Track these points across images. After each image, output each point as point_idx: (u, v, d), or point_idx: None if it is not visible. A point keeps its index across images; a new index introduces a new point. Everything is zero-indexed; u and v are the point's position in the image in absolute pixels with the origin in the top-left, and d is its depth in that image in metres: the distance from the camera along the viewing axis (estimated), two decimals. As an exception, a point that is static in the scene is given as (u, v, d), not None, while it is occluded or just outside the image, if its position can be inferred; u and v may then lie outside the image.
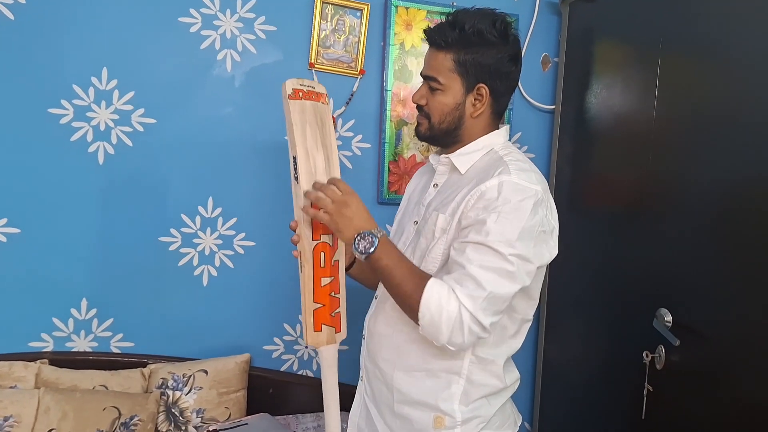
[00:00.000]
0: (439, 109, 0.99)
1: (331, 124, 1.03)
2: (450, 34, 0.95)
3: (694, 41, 1.18)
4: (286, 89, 0.99)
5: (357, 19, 1.59)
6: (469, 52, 0.95)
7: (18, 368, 1.42)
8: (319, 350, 1.03)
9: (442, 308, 0.87)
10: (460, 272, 0.88)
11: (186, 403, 1.48)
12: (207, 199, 1.58)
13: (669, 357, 1.19)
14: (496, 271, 0.87)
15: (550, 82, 1.77)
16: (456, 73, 0.96)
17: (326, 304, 1.01)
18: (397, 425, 1.02)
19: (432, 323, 0.88)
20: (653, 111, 1.28)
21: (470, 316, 0.86)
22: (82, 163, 1.48)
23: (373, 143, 1.67)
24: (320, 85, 1.05)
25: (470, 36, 0.95)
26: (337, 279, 1.04)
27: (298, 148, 0.97)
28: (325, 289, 1.01)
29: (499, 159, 0.97)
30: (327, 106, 1.04)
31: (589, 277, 1.53)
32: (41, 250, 1.48)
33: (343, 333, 1.05)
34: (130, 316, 1.56)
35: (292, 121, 0.97)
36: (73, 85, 1.46)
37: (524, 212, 0.89)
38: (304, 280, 0.99)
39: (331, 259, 1.02)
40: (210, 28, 1.53)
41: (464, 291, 0.87)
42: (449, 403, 0.97)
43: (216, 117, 1.56)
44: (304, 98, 1.00)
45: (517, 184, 0.91)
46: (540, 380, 1.78)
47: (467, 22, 0.94)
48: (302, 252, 0.99)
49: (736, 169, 1.06)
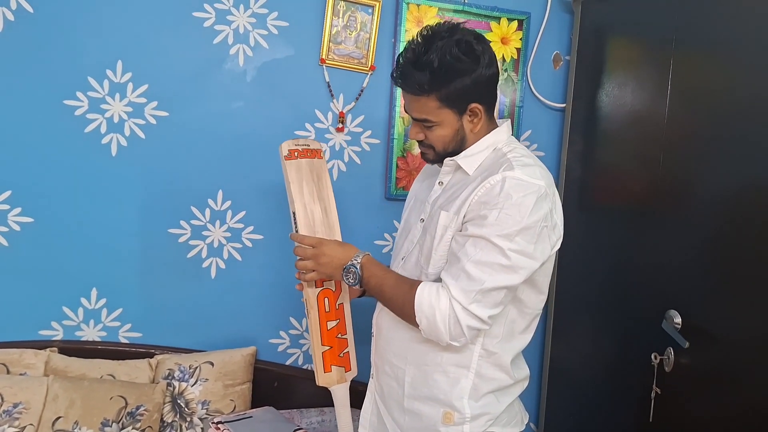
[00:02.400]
0: (441, 140, 0.99)
1: (327, 177, 1.14)
2: (422, 80, 0.92)
3: (707, 40, 1.17)
4: (282, 151, 1.10)
5: (368, 16, 1.60)
6: (449, 86, 0.93)
7: (28, 356, 1.44)
8: (331, 389, 1.10)
9: (434, 308, 0.89)
10: (456, 266, 0.91)
11: (192, 394, 1.49)
12: (217, 192, 1.59)
13: (678, 359, 1.17)
14: (492, 265, 0.88)
15: (561, 81, 1.76)
16: (445, 107, 0.95)
17: (334, 346, 1.09)
18: (406, 421, 1.02)
19: (429, 325, 0.91)
20: (665, 110, 1.26)
21: (462, 309, 0.88)
22: (96, 154, 1.50)
23: (382, 139, 1.67)
24: (315, 142, 1.15)
25: (442, 74, 0.92)
26: (343, 321, 1.11)
27: (297, 204, 1.07)
28: (332, 332, 1.08)
29: (503, 156, 0.98)
30: (322, 161, 1.15)
31: (598, 277, 1.52)
32: (53, 239, 1.50)
33: (353, 371, 1.13)
34: (138, 307, 1.58)
35: (290, 180, 1.08)
36: (89, 77, 1.48)
37: (526, 208, 0.89)
38: (311, 325, 1.08)
39: (335, 303, 1.10)
40: (223, 23, 1.55)
41: (458, 285, 0.89)
42: (459, 398, 0.98)
43: (227, 111, 1.57)
44: (300, 157, 1.10)
45: (520, 179, 0.91)
46: (546, 380, 1.77)
47: (433, 60, 0.90)
48: (307, 299, 1.08)
49: (748, 169, 1.04)
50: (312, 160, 1.12)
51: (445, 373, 0.98)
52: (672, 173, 1.24)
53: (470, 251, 0.89)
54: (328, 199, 1.12)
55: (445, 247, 0.96)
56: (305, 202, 1.08)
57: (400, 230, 1.16)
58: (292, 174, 1.08)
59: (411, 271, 1.03)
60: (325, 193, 1.11)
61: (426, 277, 0.99)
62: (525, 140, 1.76)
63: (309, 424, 1.53)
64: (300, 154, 1.10)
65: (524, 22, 1.69)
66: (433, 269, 0.98)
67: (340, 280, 1.06)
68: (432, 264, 0.98)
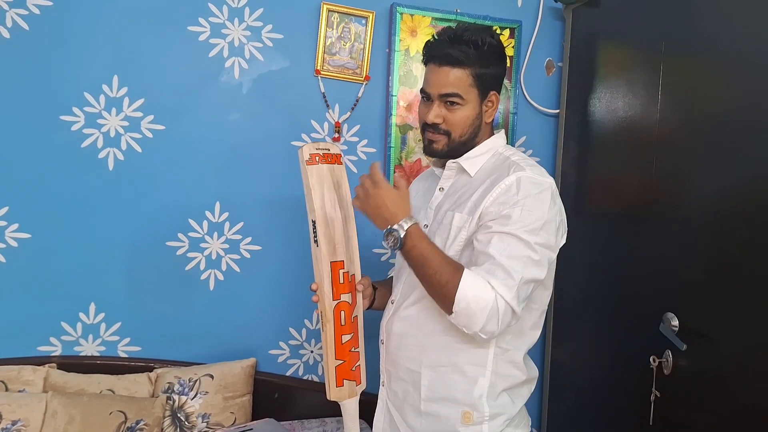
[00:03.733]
0: (462, 123, 1.01)
1: (346, 185, 1.08)
2: (465, 51, 0.98)
3: (696, 44, 1.19)
4: (303, 154, 1.03)
5: (362, 27, 1.62)
6: (485, 66, 1.00)
7: (27, 372, 1.44)
8: (342, 403, 1.07)
9: (479, 297, 0.88)
10: (490, 263, 0.91)
11: (192, 407, 1.48)
12: (214, 204, 1.60)
13: (676, 362, 1.18)
14: (522, 259, 0.90)
15: (555, 87, 1.78)
16: (474, 87, 1.00)
17: (347, 360, 1.06)
18: (422, 425, 1.03)
19: (467, 311, 0.89)
20: (657, 114, 1.28)
21: (505, 304, 0.89)
22: (93, 169, 1.51)
23: (379, 148, 1.68)
24: (335, 146, 1.10)
25: (485, 52, 0.99)
26: (356, 334, 1.08)
27: (317, 213, 1.02)
28: (346, 346, 1.06)
29: (506, 159, 1.03)
30: (342, 167, 1.09)
31: (595, 281, 1.52)
32: (51, 255, 1.50)
33: (363, 384, 1.10)
34: (137, 321, 1.57)
35: (311, 186, 1.02)
36: (85, 92, 1.49)
37: (545, 203, 0.94)
38: (326, 339, 1.04)
39: (351, 317, 1.07)
40: (218, 37, 1.56)
41: (498, 281, 0.89)
42: (478, 397, 0.99)
43: (223, 123, 1.58)
44: (321, 162, 1.04)
45: (533, 178, 0.96)
46: (548, 385, 1.77)
47: (478, 39, 0.99)
48: (323, 312, 1.04)
49: (741, 171, 1.06)
50: (333, 166, 1.06)
51: (463, 374, 0.99)
52: (665, 176, 1.25)
53: (500, 247, 0.90)
54: (348, 208, 1.06)
55: (458, 248, 0.98)
56: (327, 210, 1.02)
57: None
58: (314, 180, 1.02)
59: None
60: (346, 200, 1.06)
61: None
62: (520, 147, 1.77)
63: (310, 435, 1.52)
64: (321, 158, 1.04)
65: (516, 30, 1.71)
66: None
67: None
68: None
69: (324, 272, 1.03)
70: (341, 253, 1.05)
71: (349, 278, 1.06)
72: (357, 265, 1.08)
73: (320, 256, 1.03)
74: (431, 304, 0.99)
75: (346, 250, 1.06)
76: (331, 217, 1.03)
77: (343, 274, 1.05)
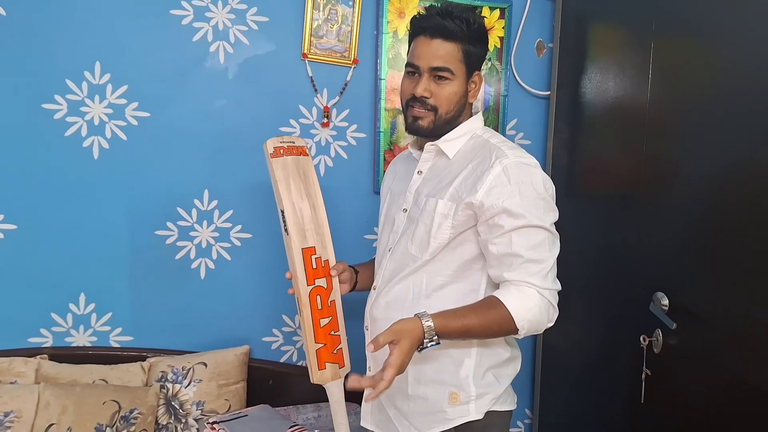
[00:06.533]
0: (448, 99, 1.02)
1: (313, 174, 1.12)
2: (458, 25, 0.99)
3: (687, 24, 1.17)
4: (267, 148, 1.08)
5: (349, 8, 1.58)
6: (473, 44, 1.02)
7: (18, 364, 1.43)
8: (326, 386, 1.09)
9: (530, 308, 0.93)
10: (519, 261, 0.94)
11: (186, 395, 1.48)
12: (203, 192, 1.58)
13: (666, 341, 1.19)
14: (545, 243, 0.95)
15: (546, 68, 1.76)
16: (462, 63, 1.01)
17: (327, 343, 1.08)
18: (410, 408, 1.04)
19: (531, 326, 0.94)
20: (647, 95, 1.27)
21: (549, 291, 0.95)
22: (77, 158, 1.48)
23: (368, 133, 1.67)
24: (300, 139, 1.14)
25: (474, 30, 1.01)
26: (335, 317, 1.10)
27: (285, 202, 1.06)
28: (325, 329, 1.08)
29: (486, 142, 1.03)
30: (308, 158, 1.13)
31: (586, 262, 1.53)
32: (38, 245, 1.48)
33: (346, 367, 1.11)
34: (128, 310, 1.56)
35: (276, 178, 1.06)
36: (67, 79, 1.45)
37: (538, 185, 0.96)
38: (304, 323, 1.06)
39: (328, 300, 1.09)
40: (202, 20, 1.52)
41: (535, 278, 0.93)
42: (464, 378, 1.01)
43: (210, 109, 1.55)
44: (285, 154, 1.09)
45: (519, 162, 0.97)
46: (540, 365, 1.78)
47: (468, 16, 1.01)
48: (299, 297, 1.06)
49: (731, 152, 1.05)
50: (298, 158, 1.11)
51: (449, 355, 1.01)
52: (655, 157, 1.25)
53: (522, 243, 0.93)
54: (316, 196, 1.11)
55: (445, 233, 0.98)
56: (293, 199, 1.07)
57: (381, 224, 1.18)
58: (279, 172, 1.07)
59: (399, 260, 1.05)
60: (313, 190, 1.11)
61: (421, 263, 1.01)
62: (511, 129, 1.76)
63: (305, 420, 1.53)
64: (285, 151, 1.09)
65: (506, 11, 1.69)
66: (431, 256, 1.00)
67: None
68: (430, 251, 1.00)
69: (296, 259, 1.06)
70: (311, 240, 1.08)
71: (322, 263, 1.09)
72: (330, 251, 1.11)
73: (291, 244, 1.06)
74: (413, 287, 1.01)
75: (316, 236, 1.09)
76: (299, 206, 1.07)
77: (315, 259, 1.08)
